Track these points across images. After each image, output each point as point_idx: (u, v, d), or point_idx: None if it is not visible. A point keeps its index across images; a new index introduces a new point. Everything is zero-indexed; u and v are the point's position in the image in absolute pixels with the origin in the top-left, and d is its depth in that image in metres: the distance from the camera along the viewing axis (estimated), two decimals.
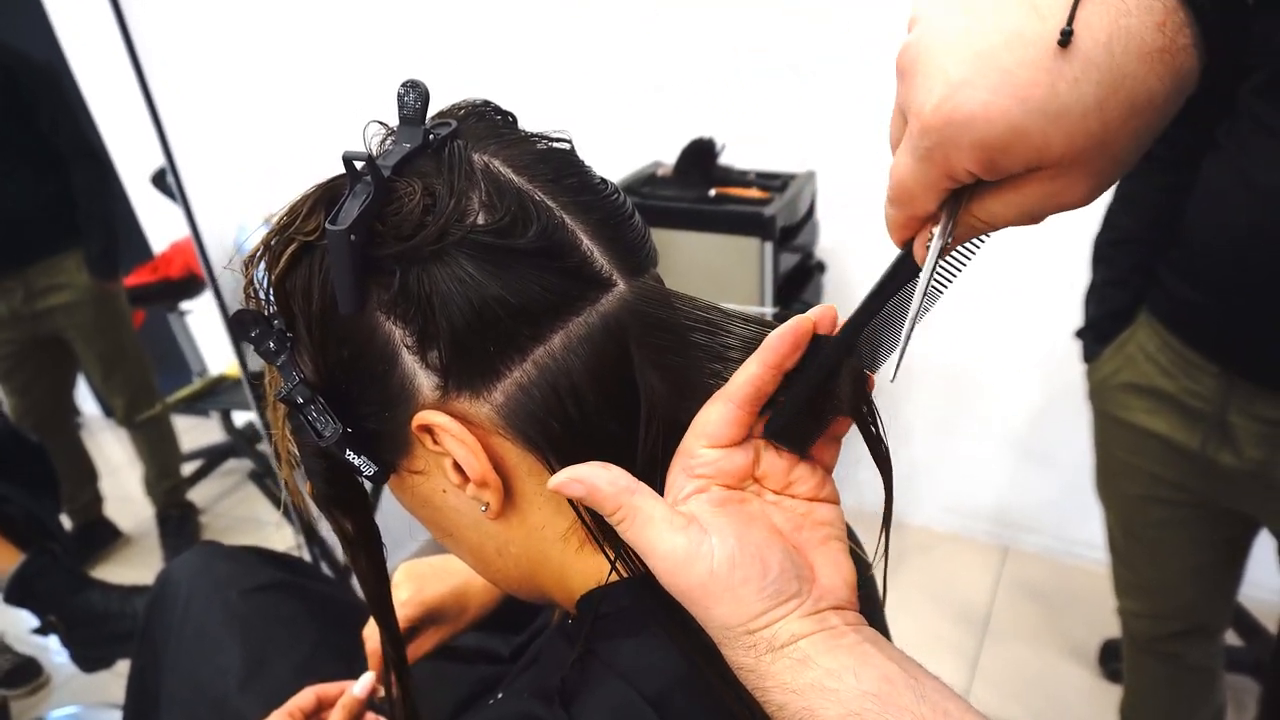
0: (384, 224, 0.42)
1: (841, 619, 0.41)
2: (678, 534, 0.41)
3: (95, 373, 2.32)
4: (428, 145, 0.45)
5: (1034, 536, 2.15)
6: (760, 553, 0.41)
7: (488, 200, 0.43)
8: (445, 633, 0.79)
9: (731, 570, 0.40)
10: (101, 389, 2.38)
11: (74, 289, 2.13)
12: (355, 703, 0.70)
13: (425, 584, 0.77)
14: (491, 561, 0.52)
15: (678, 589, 0.41)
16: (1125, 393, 1.17)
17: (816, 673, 0.38)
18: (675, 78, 2.03)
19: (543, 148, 0.47)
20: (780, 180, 1.82)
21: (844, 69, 1.84)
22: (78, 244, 2.11)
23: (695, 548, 0.40)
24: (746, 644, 0.39)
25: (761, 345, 0.43)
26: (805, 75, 1.89)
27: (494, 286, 0.42)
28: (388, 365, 0.45)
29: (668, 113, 2.05)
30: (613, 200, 0.47)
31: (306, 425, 0.47)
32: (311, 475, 0.52)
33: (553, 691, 0.49)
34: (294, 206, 0.47)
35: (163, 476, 2.42)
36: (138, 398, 2.33)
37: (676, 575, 0.40)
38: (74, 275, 2.12)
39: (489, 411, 0.45)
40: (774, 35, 1.88)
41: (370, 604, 0.58)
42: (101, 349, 2.24)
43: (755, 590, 0.40)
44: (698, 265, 1.72)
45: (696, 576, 0.40)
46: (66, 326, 2.18)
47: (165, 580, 0.92)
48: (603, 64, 2.09)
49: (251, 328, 0.46)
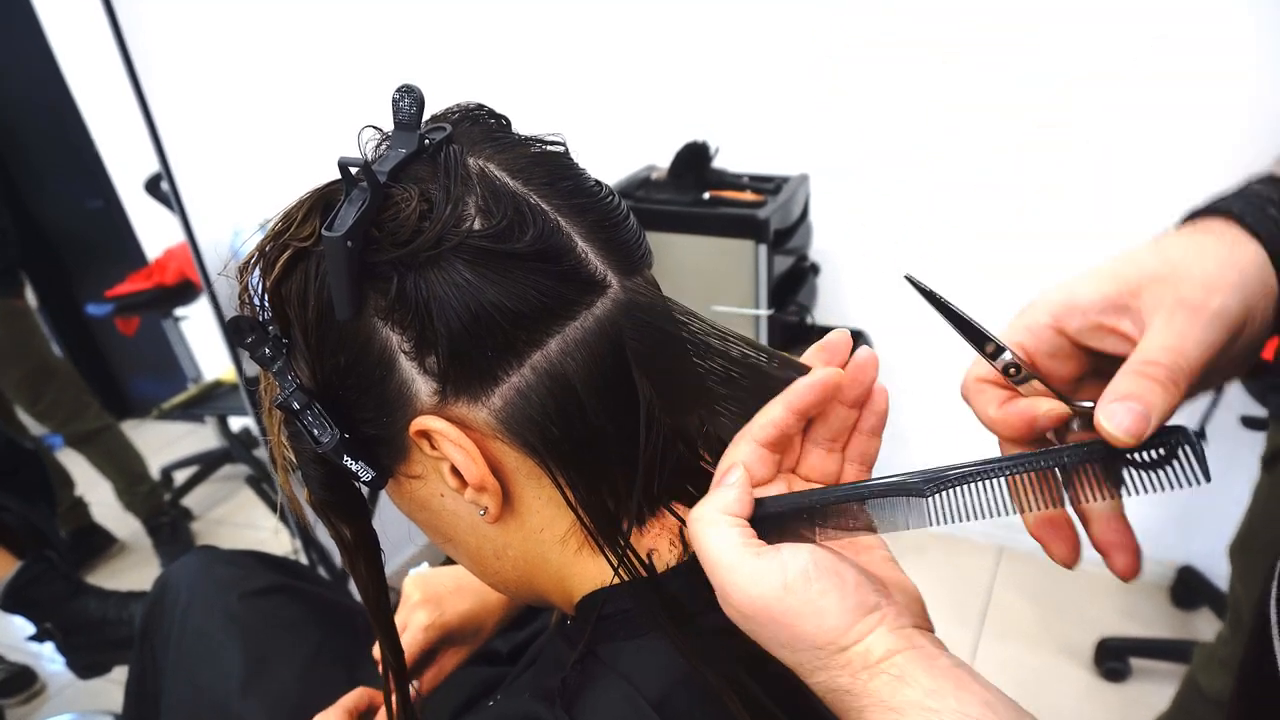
0: (380, 229, 0.42)
1: (929, 641, 0.40)
2: (747, 549, 0.40)
3: (23, 399, 2.22)
4: (423, 150, 0.45)
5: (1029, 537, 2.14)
6: (833, 565, 0.40)
7: (484, 205, 0.43)
8: (464, 653, 0.78)
9: (808, 583, 0.39)
10: (35, 415, 2.26)
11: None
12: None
13: (445, 605, 0.76)
14: (489, 565, 0.52)
15: (753, 605, 0.39)
16: None
17: (916, 692, 0.37)
18: (669, 82, 2.03)
19: (537, 151, 0.47)
20: (774, 183, 1.83)
21: (836, 73, 1.85)
22: None
23: (768, 560, 0.39)
24: (840, 663, 0.38)
25: (789, 389, 0.44)
26: (798, 79, 1.89)
27: (491, 291, 0.42)
28: (385, 371, 0.45)
29: (662, 116, 2.06)
30: (607, 203, 0.47)
31: (303, 431, 0.46)
32: (309, 481, 0.52)
33: (554, 692, 0.49)
34: (289, 212, 0.47)
35: (133, 484, 2.37)
36: (74, 416, 2.27)
37: (753, 587, 0.39)
38: None
39: (487, 416, 0.45)
40: (767, 41, 1.89)
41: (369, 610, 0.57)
42: (23, 370, 2.18)
43: (837, 602, 0.38)
44: (692, 268, 1.73)
45: (772, 589, 0.39)
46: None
47: (164, 584, 0.92)
48: (597, 68, 2.09)
49: (247, 334, 0.46)
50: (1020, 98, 1.69)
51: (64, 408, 2.26)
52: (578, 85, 2.13)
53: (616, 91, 2.10)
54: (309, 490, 0.53)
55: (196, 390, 2.34)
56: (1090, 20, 1.59)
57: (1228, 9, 1.50)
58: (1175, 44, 1.53)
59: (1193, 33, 1.52)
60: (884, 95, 1.82)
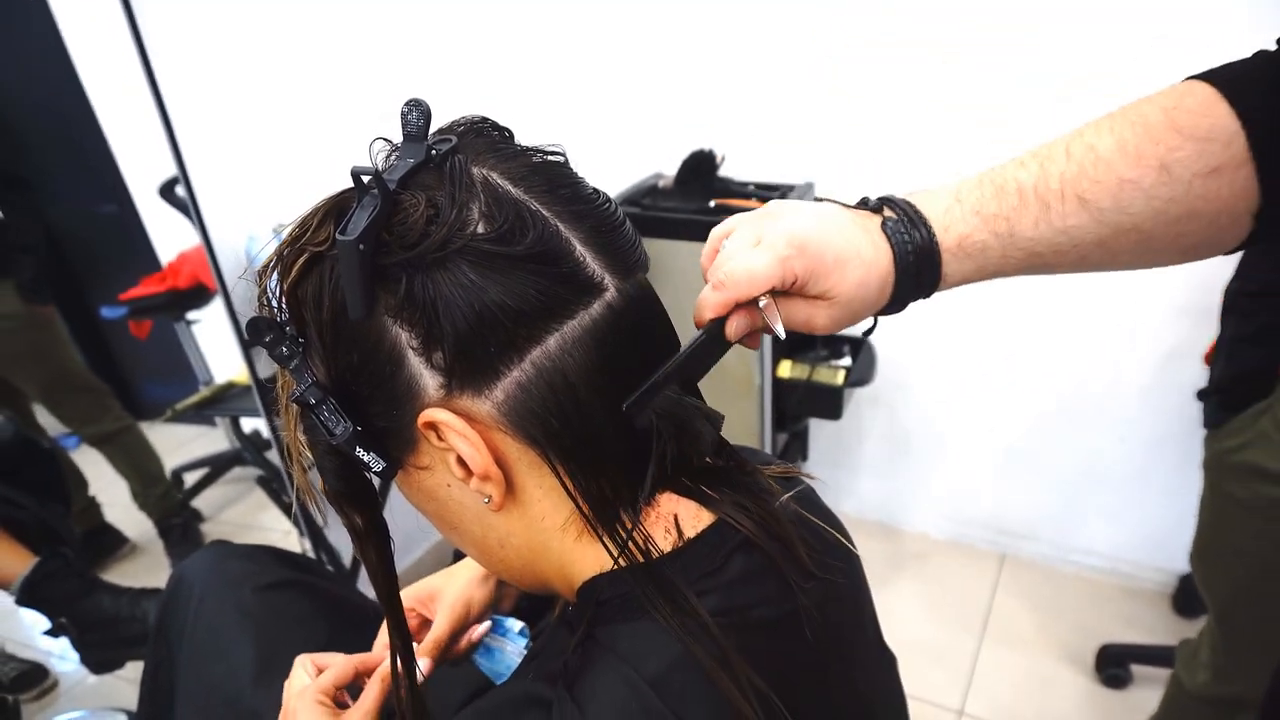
0: (390, 234, 0.45)
1: None
2: None
3: (45, 402, 2.28)
4: (430, 160, 0.48)
5: (1031, 544, 2.16)
6: None
7: (487, 211, 0.46)
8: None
9: None
10: (58, 418, 2.34)
11: (6, 316, 2.12)
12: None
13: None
14: (494, 552, 0.55)
15: None
16: (1250, 476, 1.02)
17: None
18: (677, 91, 2.06)
19: (538, 161, 0.50)
20: (779, 191, 1.84)
21: (841, 81, 1.87)
22: (7, 271, 2.11)
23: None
24: None
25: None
26: (804, 88, 1.91)
27: (494, 291, 0.45)
28: (395, 366, 0.47)
29: (669, 125, 2.08)
30: (604, 209, 0.50)
31: (319, 425, 0.49)
32: (324, 473, 0.55)
33: (556, 674, 0.51)
34: (304, 219, 0.49)
35: (149, 485, 2.41)
36: (94, 419, 2.32)
37: None
38: (5, 303, 2.11)
39: (490, 409, 0.48)
40: (774, 51, 1.91)
41: (378, 595, 0.60)
42: (41, 378, 2.23)
43: None
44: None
45: None
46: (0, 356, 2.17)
47: (178, 579, 0.94)
48: (606, 78, 2.12)
49: (265, 334, 0.48)
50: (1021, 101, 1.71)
51: (85, 410, 2.32)
52: (588, 94, 2.16)
53: (625, 100, 2.13)
54: (324, 481, 0.55)
55: (210, 391, 2.36)
56: (1089, 20, 1.60)
57: (1227, 9, 1.51)
58: (1179, 44, 1.54)
59: (1192, 33, 1.53)
60: (890, 103, 1.84)
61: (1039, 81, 1.68)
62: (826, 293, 0.53)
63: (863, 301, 0.54)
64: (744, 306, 0.53)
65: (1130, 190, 0.51)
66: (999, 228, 0.54)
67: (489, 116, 0.53)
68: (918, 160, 1.86)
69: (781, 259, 0.52)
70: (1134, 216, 0.52)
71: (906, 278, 0.55)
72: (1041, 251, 0.54)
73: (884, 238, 0.55)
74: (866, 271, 0.53)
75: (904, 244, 0.54)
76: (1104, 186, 0.52)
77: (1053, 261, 0.55)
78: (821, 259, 0.52)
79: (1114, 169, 0.51)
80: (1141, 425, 1.88)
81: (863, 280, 0.53)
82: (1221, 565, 1.13)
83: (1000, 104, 1.73)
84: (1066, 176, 0.53)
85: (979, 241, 0.54)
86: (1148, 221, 0.52)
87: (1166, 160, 0.51)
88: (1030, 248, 0.54)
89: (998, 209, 0.54)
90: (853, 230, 0.54)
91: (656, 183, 1.90)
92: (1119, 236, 0.53)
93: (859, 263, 0.53)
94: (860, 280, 0.53)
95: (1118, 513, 2.01)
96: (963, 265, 0.55)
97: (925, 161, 1.85)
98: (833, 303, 0.54)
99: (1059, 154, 0.54)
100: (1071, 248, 0.54)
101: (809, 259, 0.52)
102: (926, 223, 0.55)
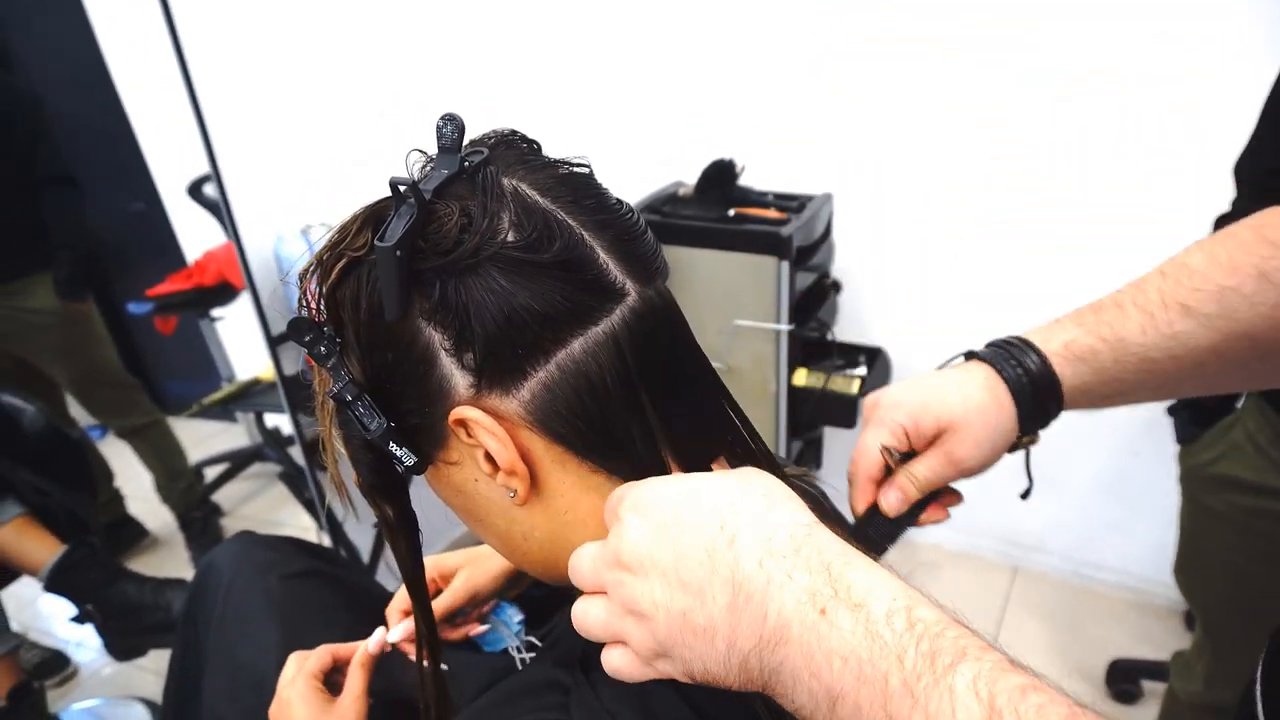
0: (426, 241, 0.48)
1: None
2: None
3: (78, 395, 2.32)
4: (463, 171, 0.50)
5: (1043, 556, 2.16)
6: None
7: (517, 220, 0.48)
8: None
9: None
10: (89, 410, 2.38)
11: (43, 312, 2.14)
12: (370, 659, 0.75)
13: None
14: (518, 546, 0.57)
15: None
16: (1225, 488, 1.04)
17: None
18: (698, 101, 2.09)
19: (564, 172, 0.53)
20: (798, 201, 1.86)
21: (861, 94, 1.89)
22: (47, 267, 2.13)
23: None
24: None
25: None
26: (825, 100, 1.93)
27: (522, 296, 0.47)
28: (427, 366, 0.50)
29: (690, 135, 2.11)
30: (626, 218, 0.52)
31: (354, 420, 0.52)
32: (358, 466, 0.57)
33: (574, 659, 0.53)
34: (344, 225, 0.52)
35: (174, 479, 2.45)
36: (122, 415, 2.36)
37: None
38: (43, 298, 2.13)
39: (517, 407, 0.50)
40: (795, 63, 1.93)
41: (406, 582, 0.63)
42: (73, 373, 2.26)
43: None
44: (716, 282, 1.76)
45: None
46: (36, 349, 2.20)
47: (208, 567, 0.98)
48: (629, 89, 2.16)
49: (306, 333, 0.51)
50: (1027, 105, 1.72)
51: (115, 405, 2.36)
52: (611, 104, 2.19)
53: (647, 110, 2.16)
54: (357, 474, 0.58)
55: (235, 387, 2.40)
56: (1089, 18, 1.60)
57: (1228, 6, 1.51)
58: (1180, 41, 1.53)
59: (1193, 30, 1.53)
60: (912, 117, 1.86)
61: (1036, 82, 1.68)
62: (950, 453, 0.60)
63: (985, 428, 0.60)
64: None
65: (1232, 297, 0.52)
66: (1104, 333, 0.56)
67: (518, 129, 0.55)
68: (939, 162, 1.87)
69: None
70: (1241, 323, 0.53)
71: (1023, 394, 0.59)
72: (1156, 358, 0.55)
73: (983, 366, 0.61)
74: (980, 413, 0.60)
75: (1005, 361, 0.60)
76: (1205, 294, 0.53)
77: (1171, 370, 0.56)
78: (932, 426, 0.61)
79: (1211, 278, 0.53)
80: (1155, 439, 1.88)
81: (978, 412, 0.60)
82: (1202, 577, 1.16)
83: (1001, 103, 1.74)
84: (1165, 290, 0.54)
85: (1087, 345, 0.57)
86: (1257, 328, 0.53)
87: (1264, 268, 0.52)
88: (1142, 353, 0.55)
89: (1097, 320, 0.57)
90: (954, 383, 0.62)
91: (677, 191, 1.92)
92: (1231, 343, 0.53)
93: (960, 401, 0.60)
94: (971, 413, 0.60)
95: (1130, 527, 2.02)
96: (1077, 369, 0.58)
97: (947, 164, 1.86)
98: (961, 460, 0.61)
99: (1151, 275, 0.56)
100: (1186, 353, 0.55)
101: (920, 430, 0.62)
102: (1025, 338, 0.61)
